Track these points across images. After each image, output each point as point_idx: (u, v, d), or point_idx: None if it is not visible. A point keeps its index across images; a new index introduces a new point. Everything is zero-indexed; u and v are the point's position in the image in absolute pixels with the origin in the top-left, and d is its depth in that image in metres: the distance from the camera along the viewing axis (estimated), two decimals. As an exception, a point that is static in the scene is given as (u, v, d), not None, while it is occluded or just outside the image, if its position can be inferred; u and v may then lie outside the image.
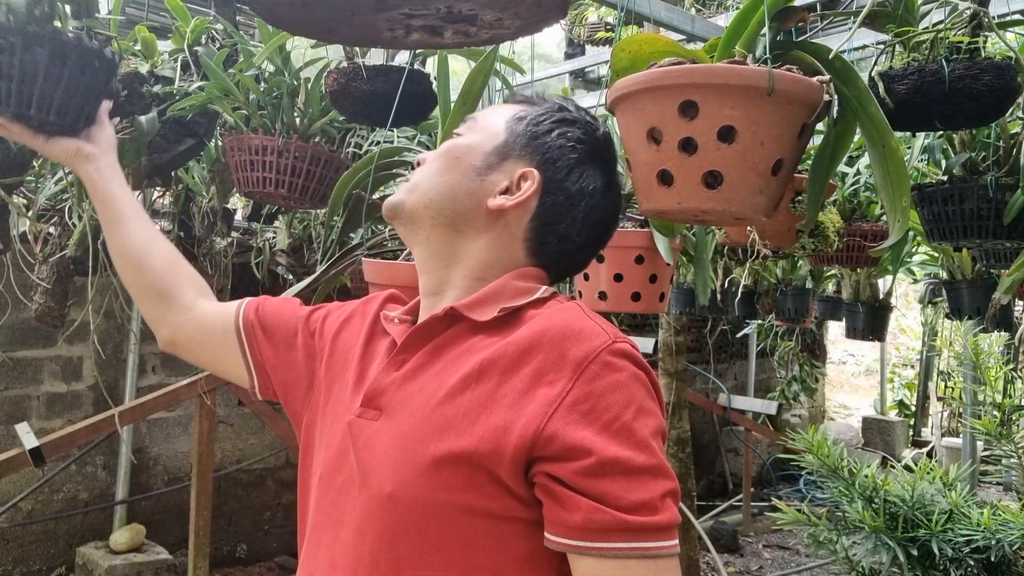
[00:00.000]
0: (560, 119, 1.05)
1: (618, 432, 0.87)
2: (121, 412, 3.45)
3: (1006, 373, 2.61)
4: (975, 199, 1.85)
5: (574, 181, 1.03)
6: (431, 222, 1.04)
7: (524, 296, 1.00)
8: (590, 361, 0.90)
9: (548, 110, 1.06)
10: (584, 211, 1.04)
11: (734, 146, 1.07)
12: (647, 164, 1.14)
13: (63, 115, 1.31)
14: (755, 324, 5.73)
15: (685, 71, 1.09)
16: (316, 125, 2.04)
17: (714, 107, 1.07)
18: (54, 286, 2.52)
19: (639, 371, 0.92)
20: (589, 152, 1.05)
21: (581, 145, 1.04)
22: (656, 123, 1.11)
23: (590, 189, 1.04)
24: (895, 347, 9.23)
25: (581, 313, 0.97)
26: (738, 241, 2.13)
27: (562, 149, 1.03)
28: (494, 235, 1.03)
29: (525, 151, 1.03)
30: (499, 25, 0.79)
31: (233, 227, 3.54)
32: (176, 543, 4.40)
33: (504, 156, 1.03)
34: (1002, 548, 1.92)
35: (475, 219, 1.03)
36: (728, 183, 1.09)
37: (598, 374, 0.89)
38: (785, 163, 1.11)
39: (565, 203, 1.03)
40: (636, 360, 0.93)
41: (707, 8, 3.86)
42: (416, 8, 0.76)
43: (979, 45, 1.35)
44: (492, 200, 1.02)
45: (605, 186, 1.06)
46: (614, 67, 1.21)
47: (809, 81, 1.10)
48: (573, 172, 1.03)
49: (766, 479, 7.00)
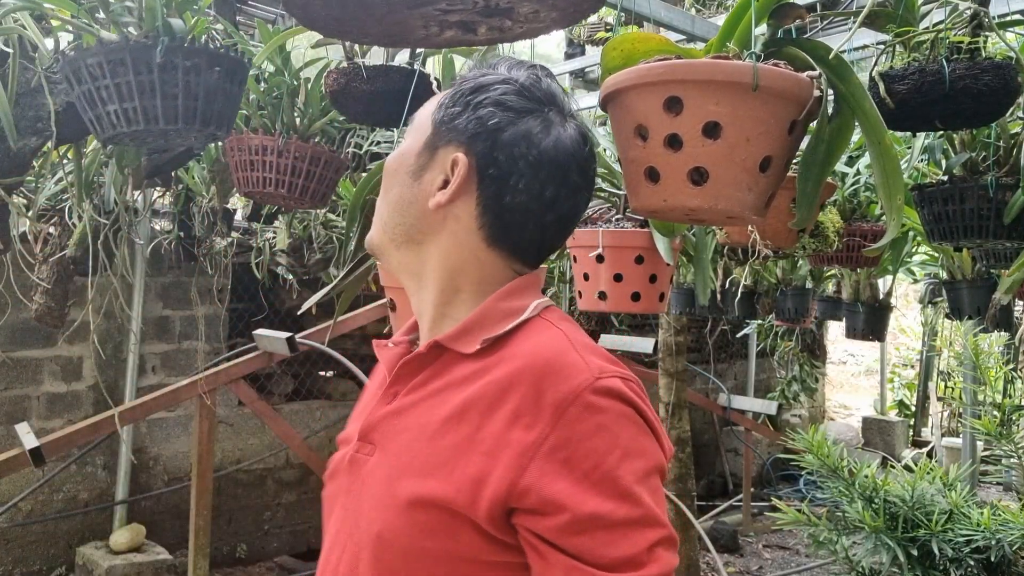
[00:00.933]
0: (475, 88, 0.95)
1: (599, 482, 0.81)
2: (121, 412, 3.45)
3: (1006, 373, 2.61)
4: (975, 199, 1.85)
5: (505, 144, 0.92)
6: (393, 245, 0.99)
7: (509, 319, 0.92)
8: (570, 403, 0.83)
9: (461, 86, 0.97)
10: (531, 168, 0.93)
11: (719, 142, 1.06)
12: (635, 161, 1.13)
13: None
14: (755, 324, 5.73)
15: (668, 67, 1.08)
16: (316, 125, 2.04)
17: (698, 103, 1.06)
18: (54, 286, 2.52)
19: (627, 408, 0.86)
20: (514, 107, 0.94)
21: (501, 106, 0.94)
22: (642, 120, 1.10)
23: (528, 142, 0.93)
24: (895, 347, 9.22)
25: (566, 343, 0.89)
26: (738, 241, 2.13)
27: (481, 119, 0.93)
28: (448, 235, 0.95)
29: (449, 136, 0.95)
30: (535, 18, 0.79)
31: (233, 227, 3.54)
32: (176, 543, 4.40)
33: (433, 150, 0.96)
34: (1002, 548, 1.92)
35: (426, 225, 0.96)
36: (714, 180, 1.08)
37: (578, 417, 0.83)
38: (774, 160, 1.10)
39: (506, 170, 0.93)
40: (623, 396, 0.86)
41: (707, 8, 3.86)
42: (453, 3, 0.76)
43: (979, 45, 1.35)
44: (431, 199, 0.94)
45: (544, 128, 0.94)
46: (605, 66, 1.21)
47: (796, 76, 1.08)
48: (501, 135, 0.93)
49: (766, 479, 6.99)
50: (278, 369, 4.93)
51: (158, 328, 4.57)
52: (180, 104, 1.40)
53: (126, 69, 1.36)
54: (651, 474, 0.85)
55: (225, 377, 3.73)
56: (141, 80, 1.37)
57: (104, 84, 1.38)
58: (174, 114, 1.40)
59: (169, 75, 1.38)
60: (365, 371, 4.07)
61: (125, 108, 1.38)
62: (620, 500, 0.81)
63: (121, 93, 1.38)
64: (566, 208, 0.97)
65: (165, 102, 1.39)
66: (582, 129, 0.98)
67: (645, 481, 0.84)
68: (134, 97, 1.37)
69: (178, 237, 3.46)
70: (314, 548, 4.95)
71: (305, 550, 4.91)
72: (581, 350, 0.89)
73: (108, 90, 1.38)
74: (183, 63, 1.39)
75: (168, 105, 1.39)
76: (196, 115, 1.42)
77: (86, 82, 1.39)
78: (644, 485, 0.83)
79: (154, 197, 3.14)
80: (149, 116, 1.38)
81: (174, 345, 4.63)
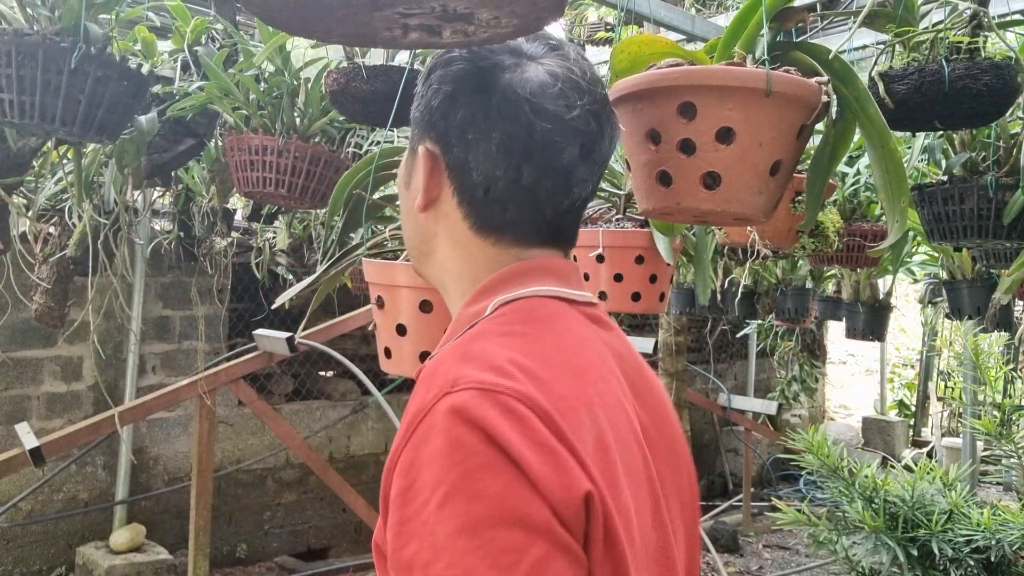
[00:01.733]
0: (425, 76, 0.87)
1: (412, 527, 0.66)
2: (121, 412, 3.45)
3: (1006, 373, 2.61)
4: (975, 199, 1.85)
5: (456, 122, 0.82)
6: (417, 264, 0.93)
7: (467, 324, 0.80)
8: (419, 420, 0.69)
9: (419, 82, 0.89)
10: (482, 132, 0.81)
11: (732, 147, 1.07)
12: (646, 165, 1.14)
13: None
14: (755, 324, 5.73)
15: (683, 73, 1.09)
16: (316, 125, 2.04)
17: (712, 108, 1.07)
18: (54, 286, 2.52)
19: (470, 433, 0.66)
20: (458, 79, 0.83)
21: (445, 83, 0.83)
22: (655, 124, 1.11)
23: (474, 104, 0.81)
24: (895, 347, 9.22)
25: (456, 350, 0.75)
26: (738, 241, 2.13)
27: (430, 105, 0.84)
28: (445, 237, 0.86)
29: (418, 132, 0.87)
30: (497, 24, 0.79)
31: (233, 227, 3.54)
32: (176, 543, 4.40)
33: (413, 152, 0.88)
34: (1002, 548, 1.92)
35: (425, 233, 0.88)
36: (727, 184, 1.09)
37: (422, 439, 0.68)
38: (784, 164, 1.12)
39: (465, 148, 0.82)
40: (469, 417, 0.66)
41: (707, 8, 3.86)
42: (411, 7, 0.76)
43: (979, 45, 1.35)
44: (415, 196, 0.86)
45: (491, 82, 0.82)
46: (614, 68, 1.22)
47: (807, 82, 1.10)
48: (450, 115, 0.82)
49: (766, 479, 6.99)
50: (278, 369, 4.93)
51: (158, 328, 4.57)
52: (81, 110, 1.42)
53: (35, 64, 1.37)
54: (488, 525, 0.64)
55: (225, 377, 3.73)
56: (48, 79, 1.38)
57: (7, 73, 1.38)
58: (73, 117, 1.42)
59: (78, 80, 1.40)
60: (365, 371, 4.07)
61: (22, 100, 1.39)
62: (432, 553, 0.64)
63: (23, 86, 1.38)
64: (546, 157, 0.81)
65: (67, 104, 1.40)
66: (552, 68, 0.82)
67: (473, 533, 0.63)
68: (36, 92, 1.38)
69: (178, 237, 3.46)
70: (314, 548, 4.95)
71: (305, 550, 4.91)
72: (462, 357, 0.73)
73: (9, 79, 1.38)
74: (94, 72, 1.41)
75: (69, 108, 1.41)
76: (94, 122, 1.44)
77: None
78: (470, 538, 0.63)
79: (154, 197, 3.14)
80: (47, 114, 1.39)
81: (174, 345, 4.63)
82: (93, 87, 1.42)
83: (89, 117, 1.43)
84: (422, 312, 1.32)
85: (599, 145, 0.84)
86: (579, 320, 0.83)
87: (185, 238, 3.51)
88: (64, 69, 1.38)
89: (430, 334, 1.33)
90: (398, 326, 1.35)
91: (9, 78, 1.38)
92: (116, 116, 1.50)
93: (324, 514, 5.00)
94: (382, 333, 1.40)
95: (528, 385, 0.70)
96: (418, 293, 1.32)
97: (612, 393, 0.79)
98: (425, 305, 1.32)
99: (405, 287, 1.34)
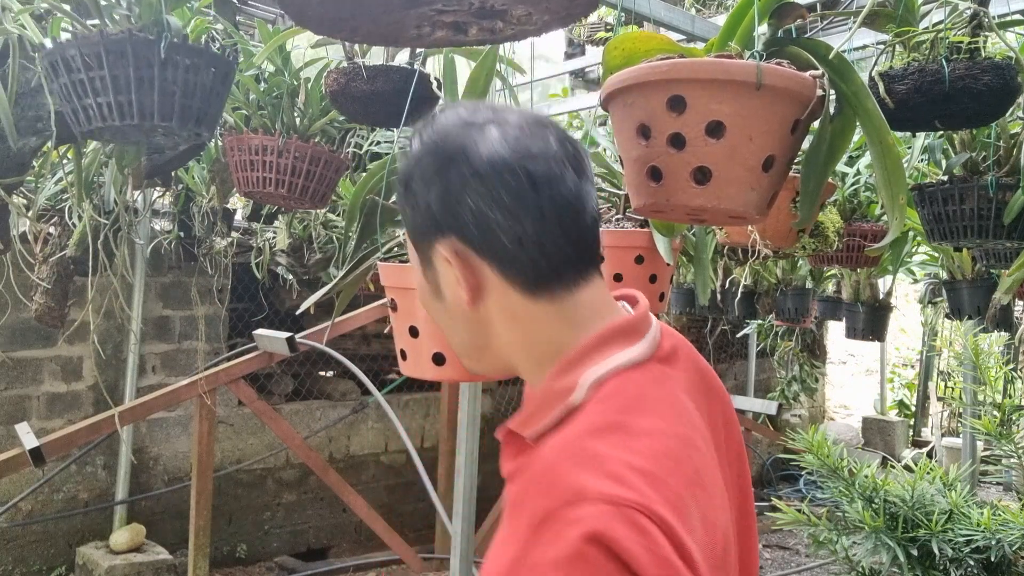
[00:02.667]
0: (404, 192, 0.88)
1: None
2: (121, 412, 3.45)
3: (1006, 373, 2.61)
4: (975, 199, 1.85)
5: (463, 207, 0.83)
6: (474, 362, 0.93)
7: (557, 403, 0.81)
8: (542, 525, 0.69)
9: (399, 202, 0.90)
10: (503, 199, 0.82)
11: (723, 141, 1.06)
12: (637, 160, 1.13)
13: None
14: (755, 324, 5.73)
15: (672, 66, 1.07)
16: (316, 125, 2.04)
17: (702, 102, 1.05)
18: (54, 286, 2.52)
19: (599, 553, 0.66)
20: (440, 172, 0.84)
21: (430, 183, 0.85)
22: (645, 119, 1.10)
23: (478, 189, 0.82)
24: (895, 347, 9.22)
25: (576, 446, 0.75)
26: (738, 241, 2.13)
27: (428, 211, 0.85)
28: (498, 315, 0.86)
29: (424, 241, 0.87)
30: (527, 20, 0.79)
31: (233, 227, 3.55)
32: (176, 543, 4.40)
33: (429, 263, 0.88)
34: (1002, 548, 1.92)
35: (479, 326, 0.88)
36: (717, 179, 1.07)
37: (547, 544, 0.68)
38: (777, 159, 1.10)
39: (483, 223, 0.83)
40: (605, 538, 0.66)
41: (707, 8, 3.86)
42: (449, 4, 0.76)
43: (979, 45, 1.35)
44: (462, 303, 0.86)
45: (487, 160, 0.82)
46: (607, 65, 1.21)
47: (799, 76, 1.08)
48: (454, 205, 0.83)
49: (766, 479, 6.99)
50: (278, 369, 4.93)
51: (158, 328, 4.57)
52: (177, 102, 1.40)
53: (126, 62, 1.36)
54: None
55: (225, 377, 3.73)
56: (140, 75, 1.37)
57: (100, 75, 1.37)
58: (170, 111, 1.39)
59: (170, 72, 1.38)
60: (365, 371, 4.07)
61: (120, 101, 1.37)
62: None
63: (118, 86, 1.37)
64: (554, 191, 0.84)
65: (163, 98, 1.38)
66: (509, 119, 0.86)
67: None
68: (131, 91, 1.37)
69: (178, 237, 3.47)
70: (314, 548, 4.95)
71: (305, 550, 4.91)
72: (579, 461, 0.73)
73: (103, 81, 1.37)
74: (183, 61, 1.39)
75: (165, 102, 1.39)
76: (192, 113, 1.42)
77: (78, 71, 1.38)
78: None
79: (154, 197, 3.14)
80: (145, 111, 1.38)
81: (174, 345, 4.63)
82: (185, 77, 1.40)
83: (186, 108, 1.41)
84: None
85: (585, 161, 0.88)
86: (661, 385, 0.85)
87: (185, 238, 3.51)
88: (155, 62, 1.36)
89: (442, 336, 1.33)
90: (411, 328, 1.35)
91: (103, 79, 1.36)
92: (211, 105, 1.48)
93: (324, 514, 5.00)
94: (398, 336, 1.40)
95: (648, 492, 0.71)
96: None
97: (705, 464, 0.83)
98: None
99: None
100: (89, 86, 1.38)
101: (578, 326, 0.85)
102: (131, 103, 1.37)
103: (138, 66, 1.36)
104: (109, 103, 1.37)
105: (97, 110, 1.38)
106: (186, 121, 1.42)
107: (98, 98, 1.38)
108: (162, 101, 1.38)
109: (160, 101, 1.38)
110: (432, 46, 0.95)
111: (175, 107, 1.40)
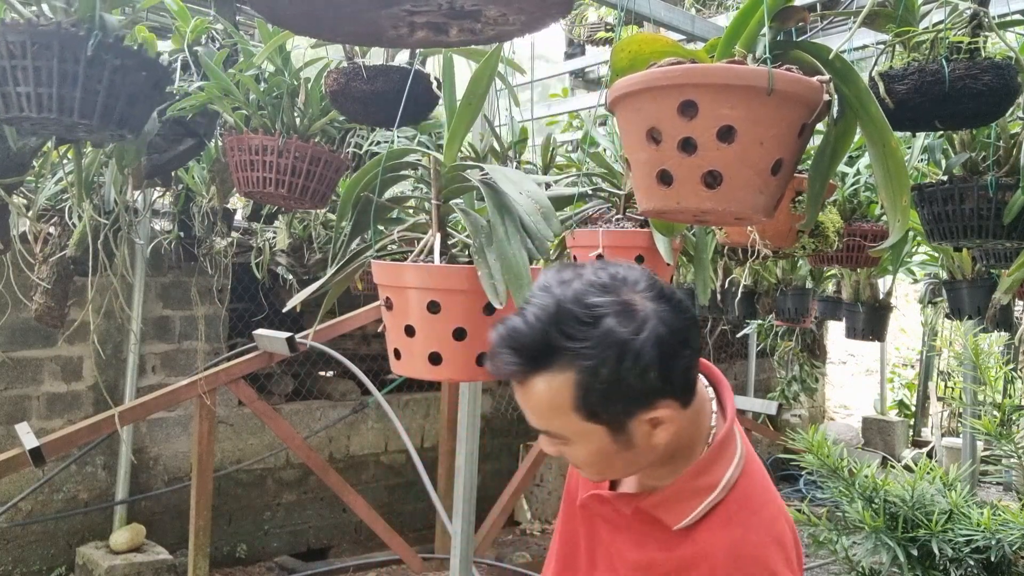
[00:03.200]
0: (616, 369, 1.00)
1: None
2: (121, 412, 3.45)
3: (1006, 373, 2.61)
4: (975, 199, 1.85)
5: (670, 371, 1.01)
6: (646, 477, 1.13)
7: (700, 498, 1.06)
8: None
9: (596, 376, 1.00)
10: (684, 352, 1.03)
11: (733, 146, 1.07)
12: (646, 163, 1.14)
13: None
14: (755, 324, 5.73)
15: (684, 71, 1.08)
16: (316, 125, 2.04)
17: (713, 107, 1.06)
18: (54, 286, 2.52)
19: None
20: (644, 350, 0.99)
21: (640, 360, 0.99)
22: (655, 123, 1.11)
23: (675, 351, 1.02)
24: (895, 347, 9.22)
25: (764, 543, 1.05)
26: (738, 241, 2.13)
27: (646, 380, 1.00)
28: (675, 435, 1.05)
29: (633, 414, 1.02)
30: (504, 21, 0.79)
31: (233, 227, 3.55)
32: (176, 543, 4.40)
33: (624, 432, 1.03)
34: (1002, 548, 1.92)
35: (660, 449, 1.05)
36: (727, 183, 1.08)
37: None
38: (785, 163, 1.11)
39: (678, 374, 1.03)
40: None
41: (707, 8, 3.86)
42: (418, 5, 0.76)
43: (979, 45, 1.35)
44: (655, 442, 1.04)
45: (669, 325, 1.01)
46: (614, 67, 1.21)
47: (809, 81, 1.09)
48: (666, 372, 1.01)
49: (766, 479, 6.99)
50: (278, 369, 4.93)
51: (158, 328, 4.57)
52: (100, 101, 1.39)
53: (51, 54, 1.34)
54: None
55: (225, 377, 3.73)
56: (64, 69, 1.35)
57: (23, 65, 1.35)
58: (92, 109, 1.38)
59: (96, 70, 1.37)
60: (365, 371, 4.07)
61: (40, 93, 1.35)
62: None
63: (40, 78, 1.35)
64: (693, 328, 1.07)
65: (85, 96, 1.37)
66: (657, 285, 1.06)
67: None
68: (53, 84, 1.35)
69: (178, 237, 3.46)
70: (314, 548, 4.95)
71: (305, 550, 4.91)
72: (769, 545, 1.05)
73: (25, 71, 1.35)
74: (112, 61, 1.38)
75: (87, 100, 1.37)
76: (113, 114, 1.41)
77: (1, 58, 1.36)
78: None
79: (154, 197, 3.14)
80: (64, 106, 1.36)
81: (174, 345, 4.63)
82: (111, 77, 1.39)
83: (108, 109, 1.40)
84: (430, 313, 1.31)
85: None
86: (757, 468, 1.14)
87: (185, 238, 3.51)
88: (81, 58, 1.35)
89: (438, 334, 1.32)
90: (406, 327, 1.34)
91: (25, 70, 1.35)
92: (137, 109, 1.46)
93: (324, 514, 5.00)
94: (391, 334, 1.39)
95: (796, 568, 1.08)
96: (426, 294, 1.31)
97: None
98: (433, 306, 1.31)
99: (413, 288, 1.33)
100: (10, 74, 1.36)
101: (698, 413, 1.09)
102: (51, 96, 1.35)
103: (63, 60, 1.34)
104: (29, 93, 1.36)
105: (16, 99, 1.37)
106: (107, 121, 1.41)
107: (18, 87, 1.36)
108: (84, 99, 1.37)
109: (82, 98, 1.37)
110: (416, 46, 0.95)
111: (97, 106, 1.38)
